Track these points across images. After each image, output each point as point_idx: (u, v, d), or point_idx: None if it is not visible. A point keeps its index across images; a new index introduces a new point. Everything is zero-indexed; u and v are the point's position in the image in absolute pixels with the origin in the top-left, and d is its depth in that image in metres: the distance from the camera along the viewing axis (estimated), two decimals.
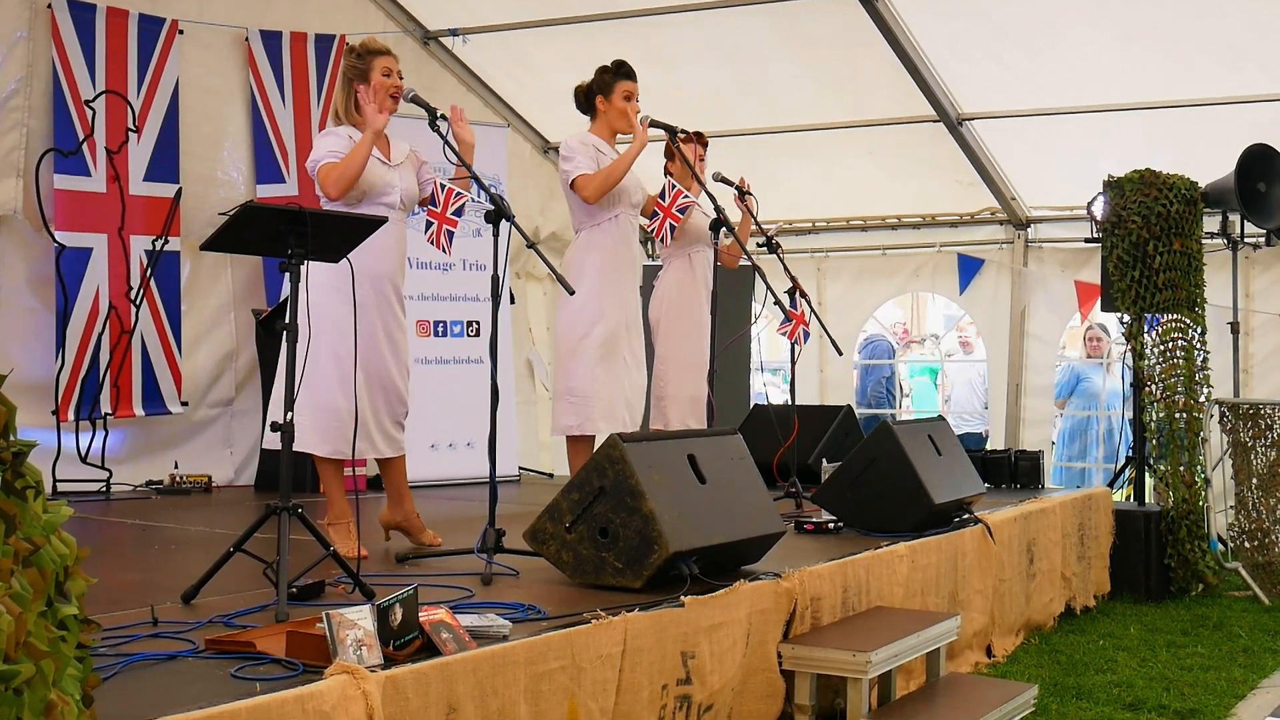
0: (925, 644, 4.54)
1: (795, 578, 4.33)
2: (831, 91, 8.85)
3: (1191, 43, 7.69)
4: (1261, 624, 6.65)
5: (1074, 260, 9.49)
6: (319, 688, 2.65)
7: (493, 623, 3.28)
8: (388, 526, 5.18)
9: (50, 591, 1.82)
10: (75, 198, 7.17)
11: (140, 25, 7.47)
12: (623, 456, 4.05)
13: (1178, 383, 7.53)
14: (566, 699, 3.28)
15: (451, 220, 4.86)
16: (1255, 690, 5.38)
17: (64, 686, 1.82)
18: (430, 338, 8.15)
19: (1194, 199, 7.59)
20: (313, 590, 3.84)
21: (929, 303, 13.55)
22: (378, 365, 4.88)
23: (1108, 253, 7.70)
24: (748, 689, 4.09)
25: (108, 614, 3.43)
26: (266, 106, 8.02)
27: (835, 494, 5.70)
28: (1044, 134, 8.74)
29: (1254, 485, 7.61)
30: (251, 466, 7.98)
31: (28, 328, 7.15)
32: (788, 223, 9.98)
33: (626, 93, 5.87)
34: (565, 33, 8.60)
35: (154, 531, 5.80)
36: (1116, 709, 4.97)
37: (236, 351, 8.04)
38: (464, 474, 7.90)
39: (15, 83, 6.99)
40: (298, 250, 3.79)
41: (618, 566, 4.03)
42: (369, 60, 4.92)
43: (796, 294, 6.69)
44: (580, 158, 5.77)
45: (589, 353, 5.77)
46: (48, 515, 1.87)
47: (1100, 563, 7.27)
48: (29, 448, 1.86)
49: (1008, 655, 5.91)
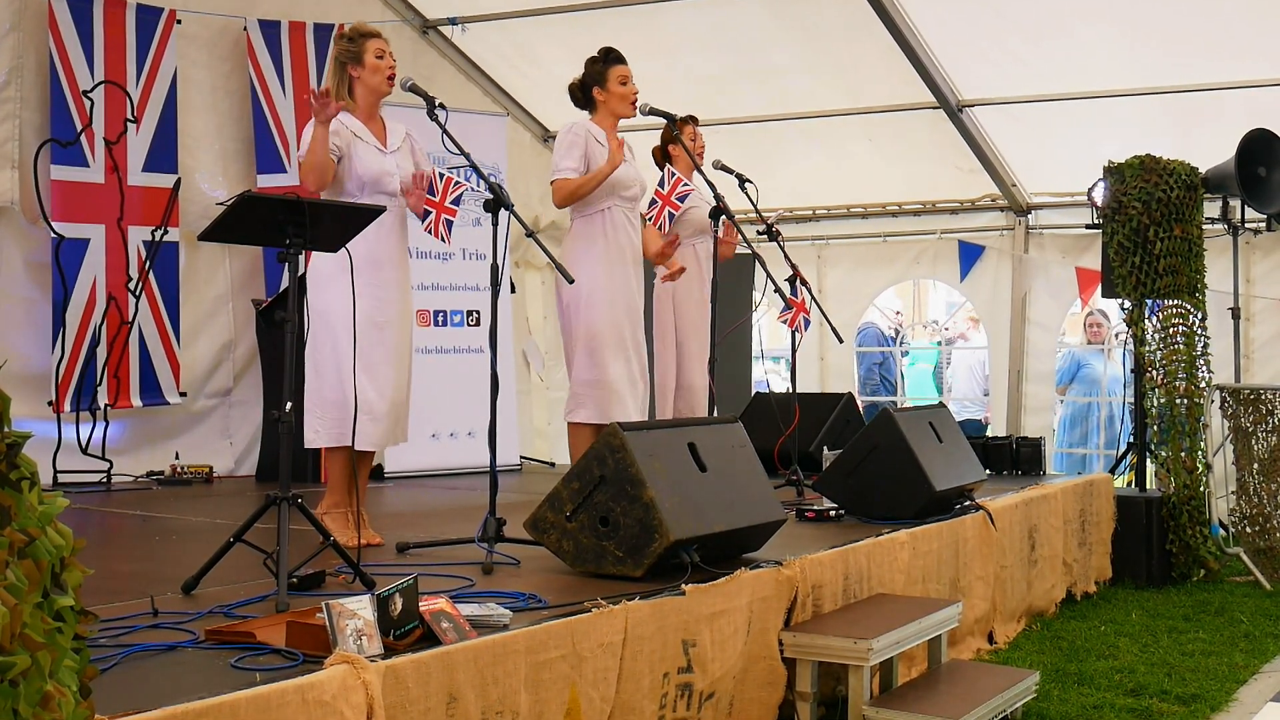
0: (927, 631, 4.54)
1: (796, 565, 4.32)
2: (832, 79, 8.83)
3: (1191, 28, 7.67)
4: (1263, 609, 6.64)
5: (1075, 246, 9.47)
6: (319, 678, 2.65)
7: (493, 612, 3.28)
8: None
9: (46, 583, 1.81)
10: (73, 188, 7.16)
11: (138, 15, 7.45)
12: (623, 445, 4.04)
13: (1179, 368, 7.52)
14: (567, 688, 3.28)
15: (450, 209, 4.85)
16: (1257, 675, 5.39)
17: (60, 678, 1.81)
18: (430, 327, 8.14)
19: (1194, 184, 7.58)
20: (313, 580, 3.84)
21: (930, 290, 13.53)
22: (379, 354, 4.86)
23: (1108, 239, 7.69)
24: (749, 677, 4.09)
25: (108, 605, 3.43)
26: (265, 96, 7.99)
27: (836, 481, 5.69)
28: (1044, 120, 8.72)
29: (1255, 470, 7.61)
30: (252, 457, 7.98)
31: (25, 319, 7.14)
32: (788, 210, 9.96)
33: (621, 77, 5.84)
34: (565, 21, 8.58)
35: (154, 522, 5.80)
36: (1118, 695, 4.97)
37: (235, 342, 8.03)
38: (465, 463, 7.90)
39: (5, 75, 6.96)
40: (296, 240, 3.78)
41: (618, 555, 4.02)
42: (361, 43, 4.91)
43: (797, 281, 6.68)
44: (567, 160, 5.74)
45: (602, 341, 5.74)
46: (43, 506, 1.86)
47: (1102, 549, 7.27)
48: (24, 439, 1.85)
49: (1009, 642, 5.91)
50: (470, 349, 8.22)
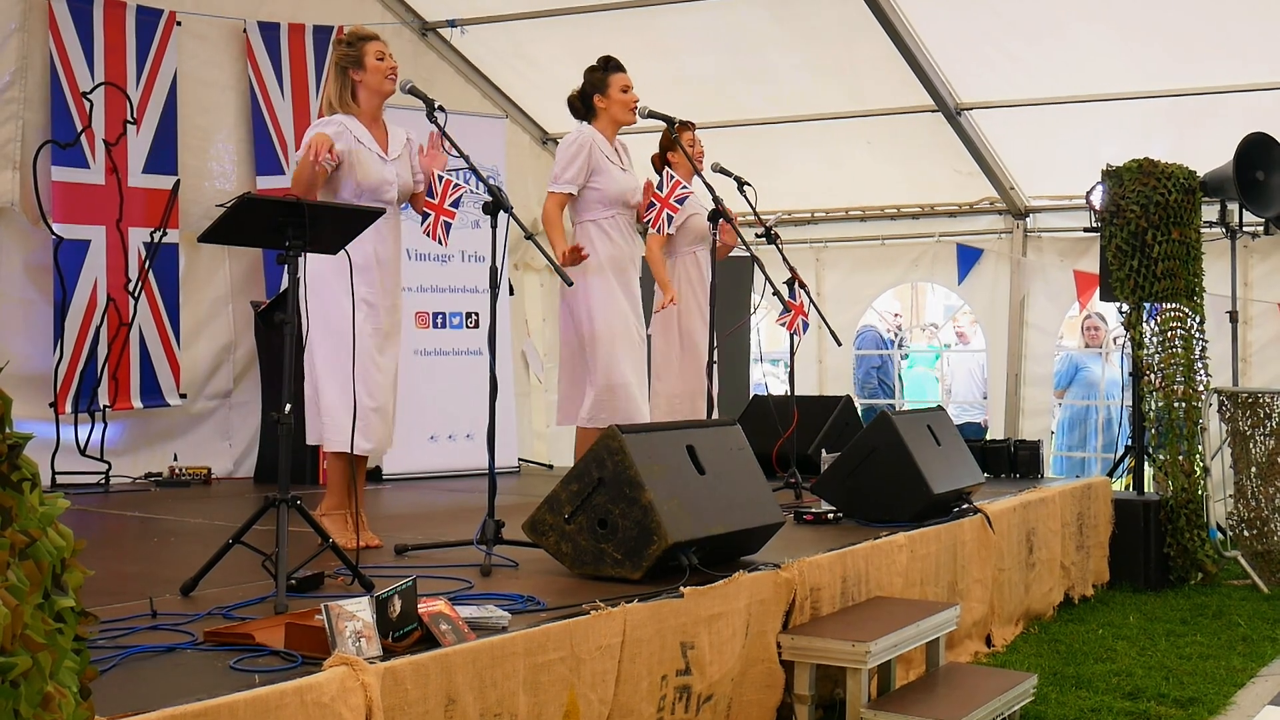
0: (924, 634, 4.54)
1: (794, 568, 4.33)
2: (830, 81, 8.83)
3: (1190, 31, 7.69)
4: (1261, 612, 6.65)
5: (1073, 250, 9.48)
6: (318, 679, 2.65)
7: (492, 614, 3.28)
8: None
9: (47, 584, 1.82)
10: (73, 190, 7.16)
11: (138, 17, 7.45)
12: (622, 447, 4.05)
13: (1176, 372, 7.53)
14: (566, 690, 3.28)
15: (449, 211, 4.85)
16: (1254, 678, 5.39)
17: (61, 679, 1.82)
18: (429, 329, 8.15)
19: (1192, 188, 7.59)
20: (312, 582, 3.84)
21: (928, 293, 13.54)
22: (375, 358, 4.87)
23: (1106, 242, 7.70)
24: (747, 679, 4.09)
25: (107, 606, 3.43)
26: (265, 98, 8.00)
27: (834, 484, 5.70)
28: (1042, 123, 8.73)
29: (1253, 474, 7.61)
30: (251, 458, 7.98)
31: (25, 320, 7.15)
32: (786, 213, 9.97)
33: (623, 85, 5.85)
34: (564, 23, 8.58)
35: (153, 523, 5.80)
36: (1116, 698, 4.97)
37: (235, 343, 8.03)
38: (463, 465, 7.89)
39: (9, 75, 6.97)
40: (295, 242, 3.79)
41: (617, 557, 4.03)
42: (361, 46, 4.93)
43: (795, 284, 6.68)
44: (568, 172, 5.74)
45: (616, 346, 5.75)
46: (44, 507, 1.86)
47: (1099, 552, 7.27)
48: (25, 440, 1.85)
49: (1007, 645, 5.91)
50: (469, 351, 8.23)
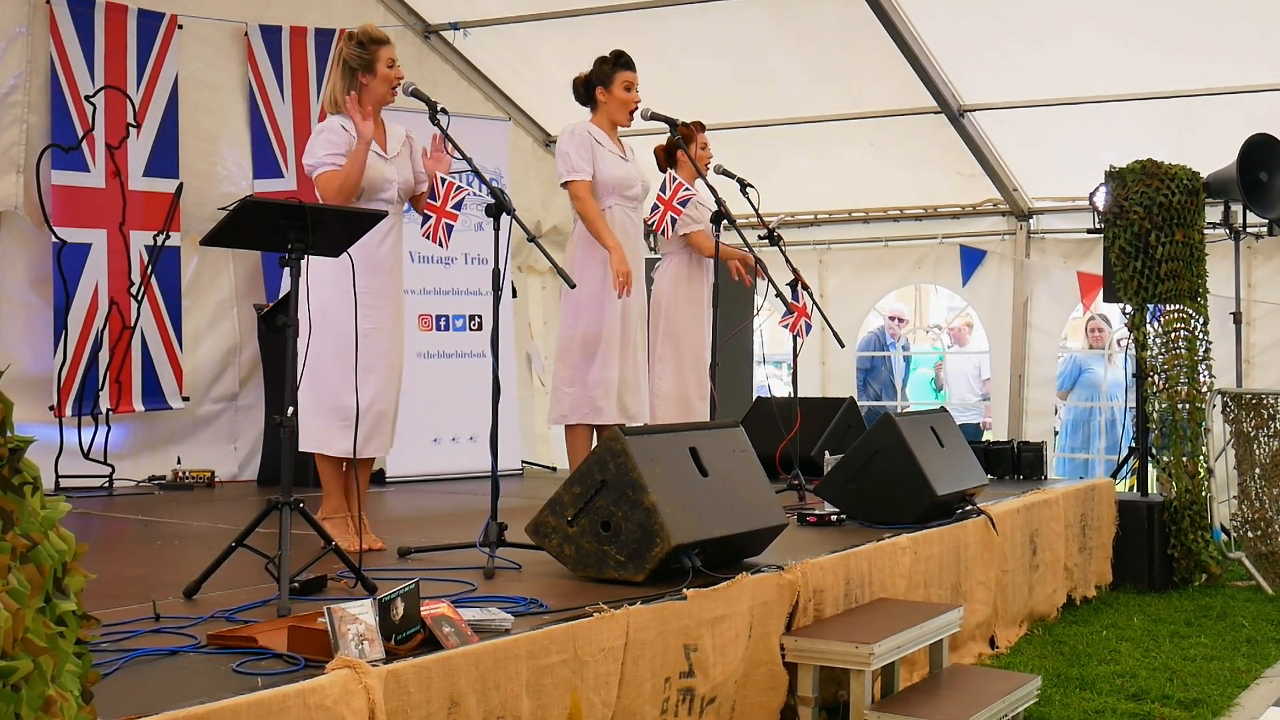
0: (928, 635, 4.54)
1: (798, 570, 4.32)
2: (832, 83, 8.83)
3: (1193, 33, 7.68)
4: (1265, 614, 6.64)
5: (1076, 251, 9.48)
6: (321, 682, 2.65)
7: (494, 616, 3.27)
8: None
9: (48, 588, 1.81)
10: (75, 193, 7.16)
11: (139, 20, 7.45)
12: (624, 450, 4.04)
13: (1180, 373, 7.52)
14: (569, 692, 3.28)
15: (451, 214, 4.85)
16: (1259, 680, 5.38)
17: (63, 683, 1.81)
18: (432, 332, 8.14)
19: (1196, 189, 7.58)
20: (315, 585, 3.84)
21: (931, 294, 13.54)
22: (378, 360, 4.86)
23: (1110, 243, 7.69)
24: (750, 681, 4.08)
25: (110, 609, 3.43)
26: (265, 101, 8.00)
27: (837, 486, 5.69)
28: (1045, 125, 8.73)
29: (1257, 475, 7.60)
30: (255, 462, 7.97)
31: (27, 324, 7.14)
32: (789, 215, 9.97)
33: (626, 83, 5.85)
34: (566, 26, 8.59)
35: (156, 527, 5.80)
36: (1120, 699, 4.97)
37: (239, 347, 8.03)
38: (466, 468, 7.89)
39: (15, 78, 6.98)
40: (297, 245, 3.78)
41: (620, 560, 4.02)
42: (374, 50, 4.88)
43: (798, 286, 6.68)
44: (575, 159, 5.75)
45: (592, 343, 5.78)
46: (46, 511, 1.86)
47: (1103, 553, 7.26)
48: (26, 443, 1.85)
49: (1011, 646, 5.90)
50: (472, 353, 8.22)
